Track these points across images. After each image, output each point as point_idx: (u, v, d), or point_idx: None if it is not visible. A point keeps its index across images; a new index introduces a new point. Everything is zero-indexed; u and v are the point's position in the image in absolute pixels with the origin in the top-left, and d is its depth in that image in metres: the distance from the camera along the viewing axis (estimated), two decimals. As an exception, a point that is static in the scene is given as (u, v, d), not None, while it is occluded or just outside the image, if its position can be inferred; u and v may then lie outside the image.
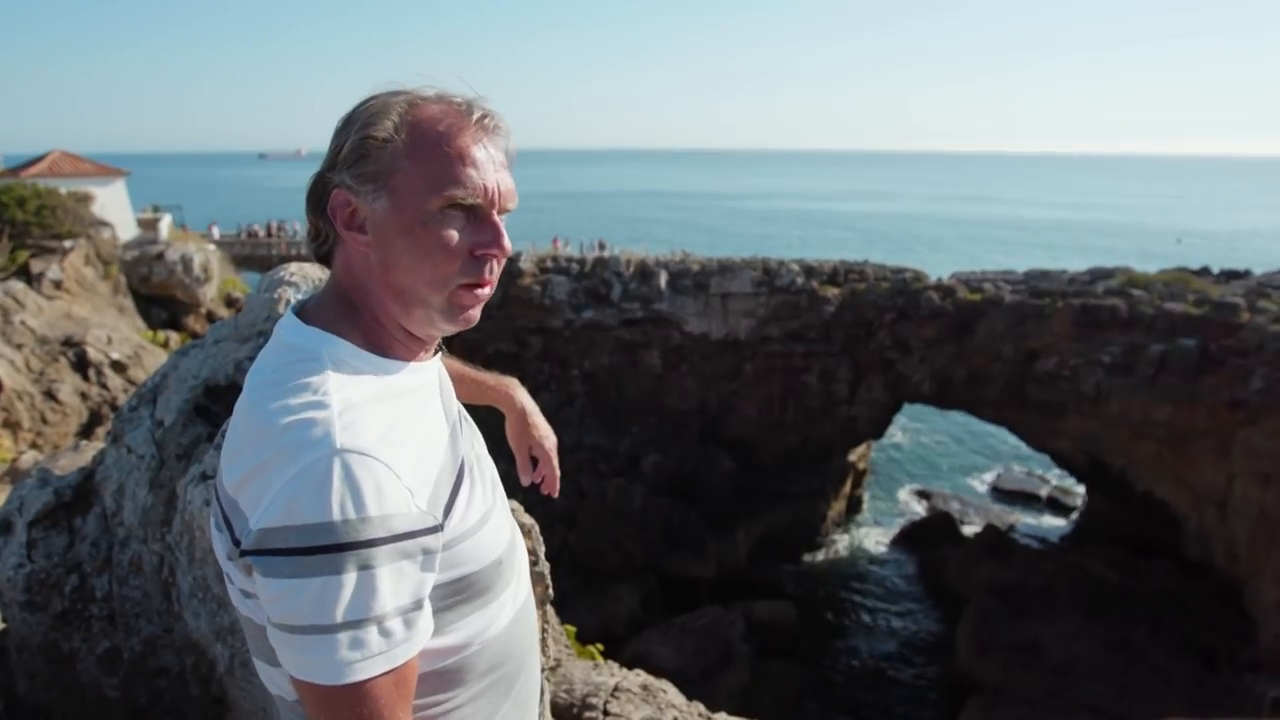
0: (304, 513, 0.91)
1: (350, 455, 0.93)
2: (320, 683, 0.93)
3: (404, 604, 0.96)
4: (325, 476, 0.92)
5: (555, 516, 26.51)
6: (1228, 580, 22.28)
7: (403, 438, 1.03)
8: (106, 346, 9.04)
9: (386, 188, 1.06)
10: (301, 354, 1.07)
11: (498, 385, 1.75)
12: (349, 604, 0.91)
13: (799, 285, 29.20)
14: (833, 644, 25.24)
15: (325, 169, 1.11)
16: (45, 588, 2.39)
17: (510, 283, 29.80)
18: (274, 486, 0.93)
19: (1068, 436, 26.54)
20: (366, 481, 0.93)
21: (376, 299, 1.12)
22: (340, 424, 0.96)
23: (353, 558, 0.91)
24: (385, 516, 0.94)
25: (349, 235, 1.10)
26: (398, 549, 0.95)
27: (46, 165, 22.83)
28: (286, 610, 0.92)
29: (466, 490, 1.13)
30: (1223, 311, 23.48)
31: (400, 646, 0.96)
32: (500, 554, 1.19)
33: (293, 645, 0.93)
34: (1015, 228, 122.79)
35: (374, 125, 1.06)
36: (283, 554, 0.91)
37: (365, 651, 0.93)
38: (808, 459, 30.26)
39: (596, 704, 3.24)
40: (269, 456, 0.95)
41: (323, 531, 0.90)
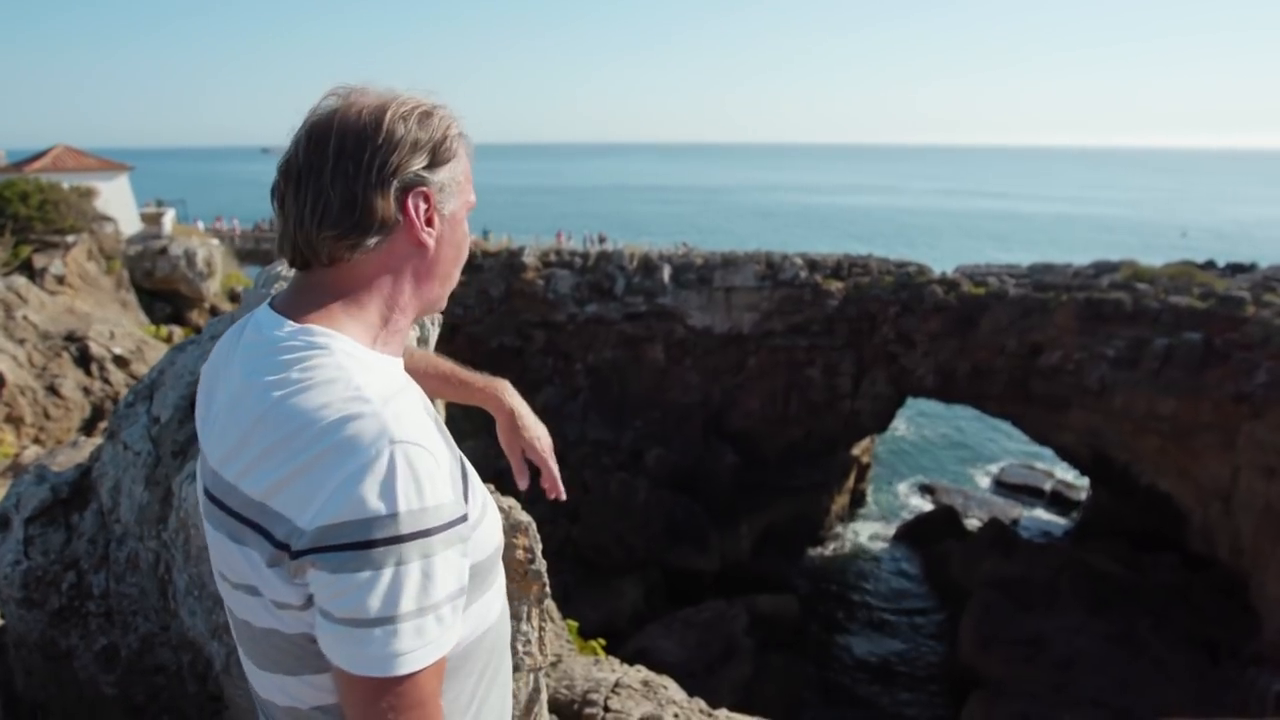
0: (370, 506, 0.92)
1: (408, 446, 0.95)
2: (377, 675, 0.93)
3: (453, 590, 0.99)
4: (390, 468, 0.93)
5: (559, 510, 26.52)
6: (1232, 574, 22.25)
7: (431, 428, 1.05)
8: (109, 341, 9.04)
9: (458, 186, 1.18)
10: (313, 350, 1.06)
11: (486, 387, 1.72)
12: (416, 593, 0.94)
13: (802, 279, 29.15)
14: (836, 637, 25.26)
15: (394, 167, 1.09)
16: (42, 585, 2.38)
17: (514, 277, 29.80)
18: (331, 483, 0.93)
19: (1071, 430, 26.49)
20: (424, 471, 0.95)
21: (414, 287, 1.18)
22: (389, 415, 0.97)
23: (416, 548, 0.93)
24: (439, 506, 0.96)
25: (426, 232, 1.15)
26: (449, 536, 0.98)
27: (50, 160, 22.83)
28: (354, 605, 0.92)
29: (471, 480, 1.16)
30: (1228, 305, 23.40)
31: (450, 632, 0.99)
32: (499, 543, 1.23)
33: (354, 640, 0.93)
34: (1019, 221, 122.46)
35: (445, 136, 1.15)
36: (349, 549, 0.92)
37: (424, 639, 0.95)
38: (811, 453, 30.23)
39: (597, 700, 3.24)
40: (316, 454, 0.95)
41: (389, 523, 0.92)
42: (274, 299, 1.17)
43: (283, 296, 1.17)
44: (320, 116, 1.11)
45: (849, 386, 29.63)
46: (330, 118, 1.10)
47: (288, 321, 1.10)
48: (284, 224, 1.12)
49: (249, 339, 1.12)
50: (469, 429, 1.61)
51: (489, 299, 29.83)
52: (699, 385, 30.36)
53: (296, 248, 1.12)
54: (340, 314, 1.12)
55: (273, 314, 1.12)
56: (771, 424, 30.15)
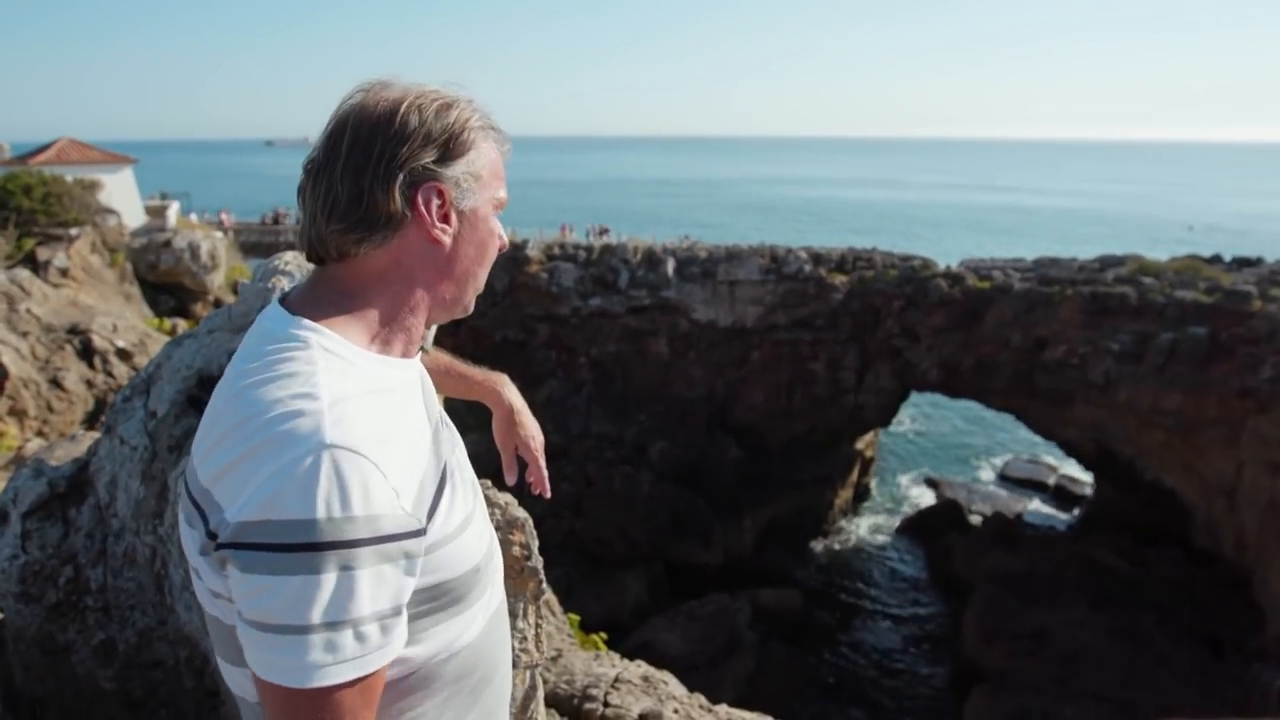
0: (287, 508, 0.88)
1: (339, 451, 0.90)
2: (286, 685, 0.89)
3: (382, 609, 0.93)
4: (312, 472, 0.88)
5: (562, 504, 26.56)
6: (1236, 569, 22.22)
7: (391, 436, 1.00)
8: (112, 334, 9.05)
9: (479, 182, 1.15)
10: (292, 343, 1.04)
11: (485, 381, 1.71)
12: (326, 605, 0.88)
13: (807, 273, 29.09)
14: (839, 631, 25.28)
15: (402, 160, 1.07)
16: (40, 579, 2.38)
17: (517, 270, 29.79)
18: (257, 479, 0.90)
19: (1076, 425, 26.44)
20: (354, 479, 0.90)
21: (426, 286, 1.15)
22: (330, 418, 0.93)
23: (334, 557, 0.88)
24: (371, 517, 0.91)
25: (439, 228, 1.12)
26: (380, 551, 0.92)
27: (54, 153, 22.84)
28: (260, 608, 0.89)
29: (449, 494, 1.10)
30: (1234, 299, 23.31)
31: (374, 653, 0.92)
32: (479, 561, 1.16)
33: (262, 644, 0.90)
34: (1024, 215, 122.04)
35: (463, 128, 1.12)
36: (261, 549, 0.88)
37: (338, 655, 0.89)
38: (814, 447, 30.21)
39: (597, 695, 3.23)
40: (253, 447, 0.92)
41: (305, 528, 0.87)
42: (286, 293, 1.16)
43: (294, 291, 1.17)
44: (342, 111, 1.10)
45: (853, 380, 29.60)
46: (350, 112, 1.09)
47: (286, 315, 1.09)
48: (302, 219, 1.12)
49: (252, 330, 1.11)
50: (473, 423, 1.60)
51: (492, 292, 29.81)
52: (703, 379, 30.35)
53: (310, 242, 1.12)
54: (341, 310, 1.10)
55: (277, 308, 1.11)
56: (775, 418, 30.14)
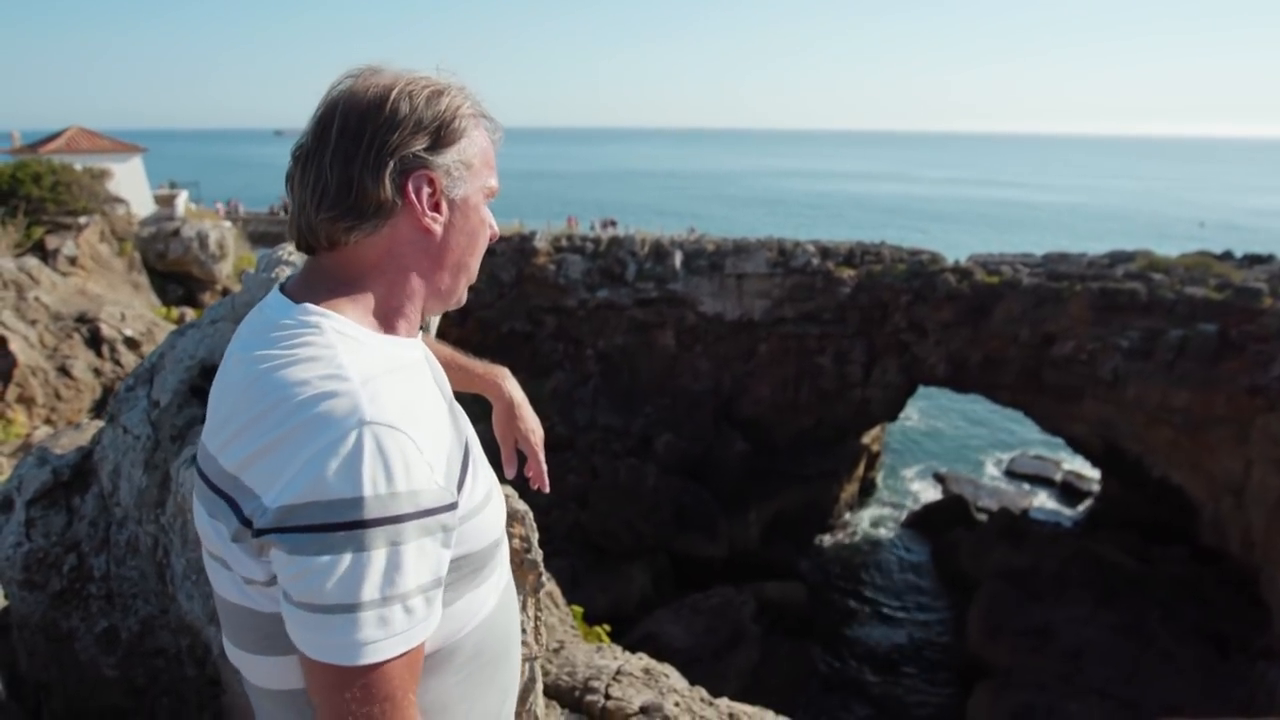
0: (333, 488, 0.88)
1: (380, 428, 0.91)
2: (339, 663, 0.90)
3: (425, 581, 0.95)
4: (356, 450, 0.89)
5: (568, 496, 26.61)
6: (1242, 568, 22.14)
7: (420, 412, 1.01)
8: (120, 323, 9.09)
9: (470, 170, 1.14)
10: (304, 328, 1.04)
11: (487, 374, 1.71)
12: (380, 581, 0.90)
13: (814, 266, 29.03)
14: (843, 625, 25.29)
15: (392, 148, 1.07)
16: (44, 567, 2.39)
17: (525, 262, 29.79)
18: (296, 462, 0.90)
19: (1083, 421, 26.36)
20: (396, 455, 0.91)
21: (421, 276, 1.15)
22: (365, 395, 0.94)
23: (382, 534, 0.90)
24: (413, 492, 0.92)
25: (430, 217, 1.11)
26: (422, 525, 0.93)
27: (64, 141, 22.91)
28: (310, 589, 0.89)
29: (472, 468, 1.13)
30: (1244, 296, 23.16)
31: (420, 625, 0.94)
32: (498, 535, 1.20)
33: (313, 625, 0.90)
34: (1034, 210, 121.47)
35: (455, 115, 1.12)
36: (309, 531, 0.89)
37: (389, 630, 0.91)
38: (821, 441, 30.20)
39: (598, 687, 3.24)
40: (288, 431, 0.93)
41: (352, 507, 0.88)
42: (283, 283, 1.16)
43: (291, 280, 1.17)
44: (331, 97, 1.09)
45: (860, 374, 29.54)
46: (339, 98, 1.09)
47: (290, 303, 1.09)
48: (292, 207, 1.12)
49: (252, 319, 1.12)
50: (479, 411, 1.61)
51: (500, 283, 29.84)
52: (709, 372, 30.33)
53: (300, 231, 1.12)
54: (341, 298, 1.10)
55: (279, 296, 1.12)
56: (782, 411, 30.12)
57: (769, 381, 30.05)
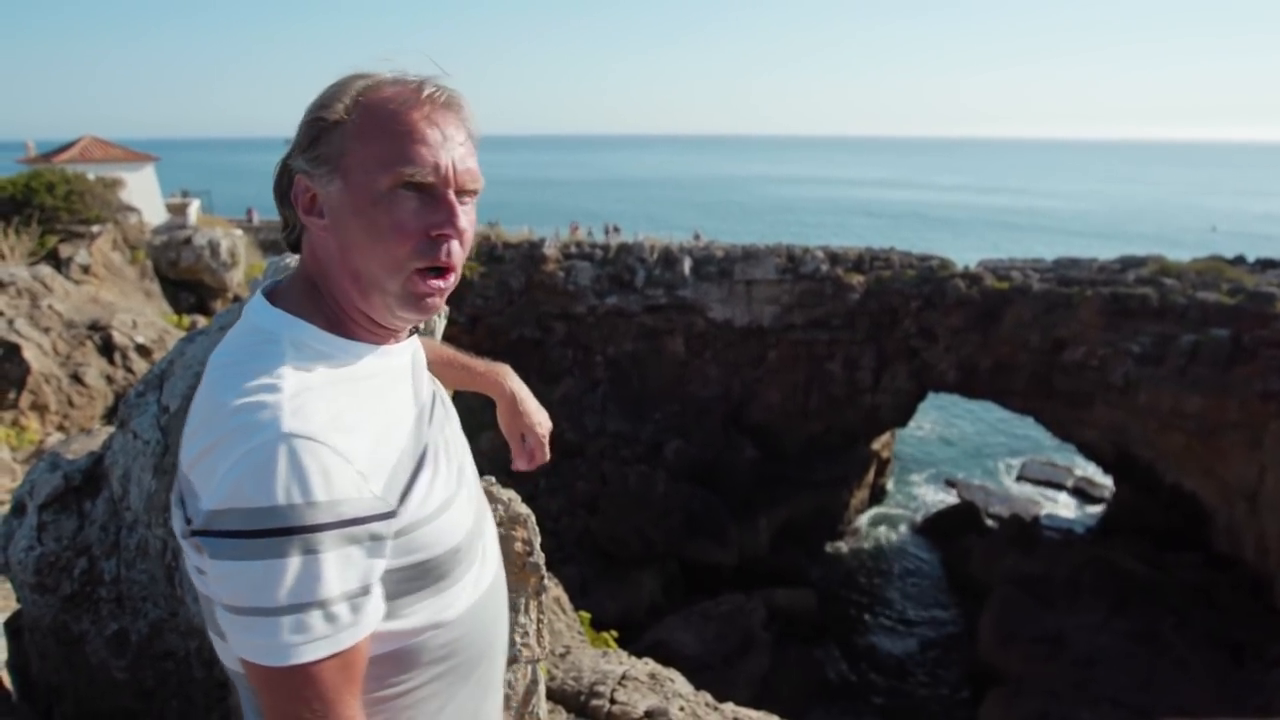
0: (249, 496, 0.91)
1: (297, 440, 0.94)
2: (263, 664, 0.94)
3: (351, 589, 0.97)
4: (269, 461, 0.92)
5: (577, 502, 26.63)
6: (1257, 574, 21.96)
7: (358, 423, 1.03)
8: (132, 331, 9.16)
9: (339, 169, 1.06)
10: (263, 335, 1.08)
11: (488, 372, 1.73)
12: (292, 588, 0.92)
13: (823, 272, 29.00)
14: (854, 632, 25.20)
15: (287, 156, 1.13)
16: (55, 570, 2.42)
17: (534, 268, 29.87)
18: (222, 468, 0.94)
19: (1095, 427, 26.22)
20: (313, 466, 0.93)
21: (337, 284, 1.12)
22: (289, 408, 0.96)
23: (297, 542, 0.92)
24: (332, 502, 0.94)
25: (308, 220, 1.11)
26: (345, 534, 0.96)
27: (77, 151, 23.11)
28: (231, 591, 0.94)
29: (428, 477, 1.13)
30: (1257, 301, 23.03)
31: (346, 631, 0.97)
32: (458, 542, 1.18)
33: (238, 626, 0.95)
34: (1045, 215, 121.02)
35: (326, 108, 1.07)
36: (228, 536, 0.92)
37: (308, 635, 0.94)
38: (831, 447, 30.13)
39: (604, 692, 3.25)
40: (219, 438, 0.96)
41: (267, 515, 0.91)
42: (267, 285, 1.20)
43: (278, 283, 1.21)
44: None
45: (870, 380, 29.48)
46: None
47: (266, 306, 1.13)
48: None
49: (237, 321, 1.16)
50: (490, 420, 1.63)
51: (509, 290, 29.91)
52: (719, 378, 30.32)
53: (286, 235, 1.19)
54: (308, 299, 1.14)
55: (259, 298, 1.15)
56: (791, 417, 30.07)
57: (779, 388, 30.02)
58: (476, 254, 30.24)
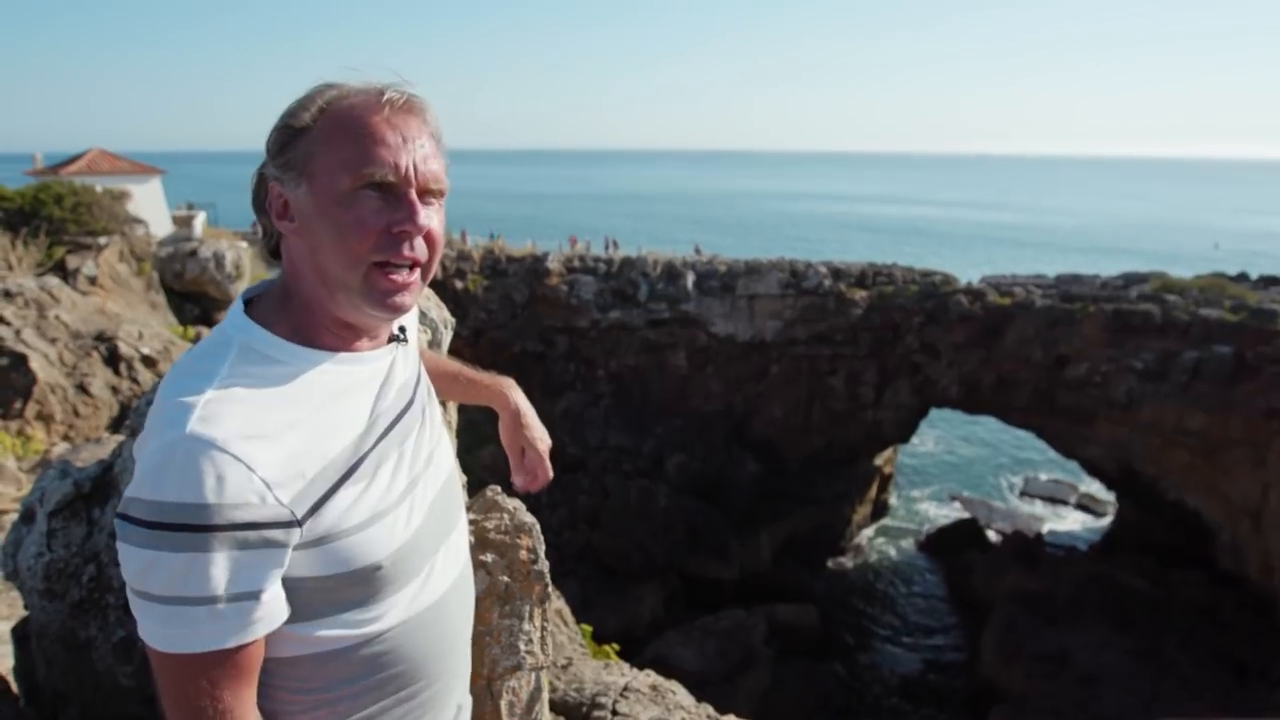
0: (149, 489, 0.96)
1: (197, 443, 0.97)
2: (152, 647, 0.99)
3: (238, 590, 0.99)
4: (168, 459, 0.96)
5: (579, 516, 26.58)
6: (1261, 592, 21.85)
7: (277, 431, 1.04)
8: (137, 342, 9.21)
9: (305, 173, 1.09)
10: (220, 338, 1.13)
11: (492, 385, 1.75)
12: (177, 582, 0.96)
13: (826, 287, 29.03)
14: (856, 648, 25.09)
15: (261, 166, 1.17)
16: (64, 577, 2.45)
17: (537, 282, 29.94)
18: (140, 459, 1.00)
19: (1098, 443, 26.16)
20: (207, 470, 0.96)
21: (309, 286, 1.15)
22: (201, 413, 0.99)
23: (184, 539, 0.95)
24: (223, 505, 0.96)
25: (281, 226, 1.14)
26: (233, 538, 0.97)
27: (85, 163, 23.25)
28: (128, 574, 0.99)
29: (356, 490, 1.13)
30: (1260, 318, 23.03)
31: (231, 633, 0.99)
32: (384, 556, 1.15)
33: (135, 607, 0.99)
34: (1045, 232, 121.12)
35: (294, 116, 1.11)
36: (131, 522, 0.97)
37: (191, 629, 0.97)
38: (833, 462, 30.08)
39: (605, 703, 3.26)
40: (147, 431, 1.03)
41: (159, 509, 0.95)
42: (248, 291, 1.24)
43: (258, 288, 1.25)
44: None
45: (872, 396, 29.46)
46: None
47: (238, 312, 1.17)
48: None
49: None
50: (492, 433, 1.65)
51: (512, 304, 29.98)
52: (721, 393, 30.31)
53: None
54: (276, 304, 1.18)
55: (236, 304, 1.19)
56: (793, 433, 30.04)
57: (781, 403, 30.00)
58: (480, 267, 30.33)
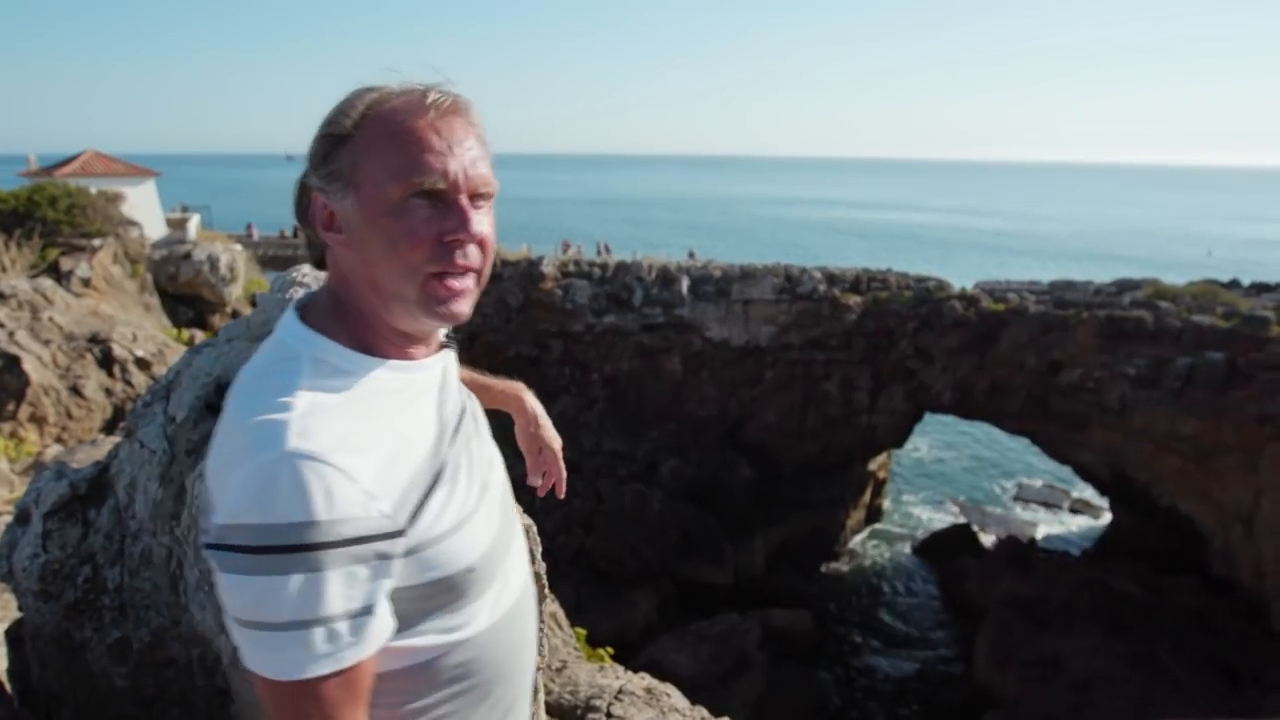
0: (252, 513, 0.93)
1: (300, 460, 0.94)
2: (267, 676, 0.95)
3: (354, 607, 0.97)
4: (271, 480, 0.93)
5: (573, 520, 26.54)
6: (1254, 598, 21.91)
7: (370, 442, 1.03)
8: (131, 344, 9.18)
9: (352, 184, 1.07)
10: (285, 352, 1.10)
11: (507, 389, 1.78)
12: (293, 605, 0.93)
13: (821, 293, 29.10)
14: (850, 653, 25.09)
15: (304, 175, 1.14)
16: (59, 578, 2.44)
17: (532, 287, 29.93)
18: (232, 484, 0.95)
19: (1091, 449, 26.23)
20: (315, 485, 0.94)
21: (361, 297, 1.13)
22: (296, 428, 0.97)
23: (299, 560, 0.92)
24: (334, 521, 0.94)
25: (327, 237, 1.12)
26: (348, 554, 0.96)
27: (79, 165, 23.21)
28: (237, 605, 0.95)
29: (442, 495, 1.12)
30: (1252, 325, 23.12)
31: (348, 650, 0.97)
32: (473, 561, 1.16)
33: (244, 638, 0.96)
34: (1040, 238, 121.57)
35: (336, 124, 1.08)
36: (235, 551, 0.93)
37: (310, 652, 0.94)
38: (827, 467, 30.11)
39: (600, 706, 3.26)
40: (231, 454, 0.98)
41: (268, 532, 0.92)
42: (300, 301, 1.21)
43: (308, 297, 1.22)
44: None
45: (866, 401, 29.51)
46: None
47: (295, 323, 1.14)
48: None
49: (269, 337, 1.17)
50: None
51: (507, 308, 29.97)
52: (715, 397, 30.33)
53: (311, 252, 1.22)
54: (333, 316, 1.15)
55: (290, 315, 1.17)
56: (788, 438, 30.07)
57: (775, 408, 30.03)
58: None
